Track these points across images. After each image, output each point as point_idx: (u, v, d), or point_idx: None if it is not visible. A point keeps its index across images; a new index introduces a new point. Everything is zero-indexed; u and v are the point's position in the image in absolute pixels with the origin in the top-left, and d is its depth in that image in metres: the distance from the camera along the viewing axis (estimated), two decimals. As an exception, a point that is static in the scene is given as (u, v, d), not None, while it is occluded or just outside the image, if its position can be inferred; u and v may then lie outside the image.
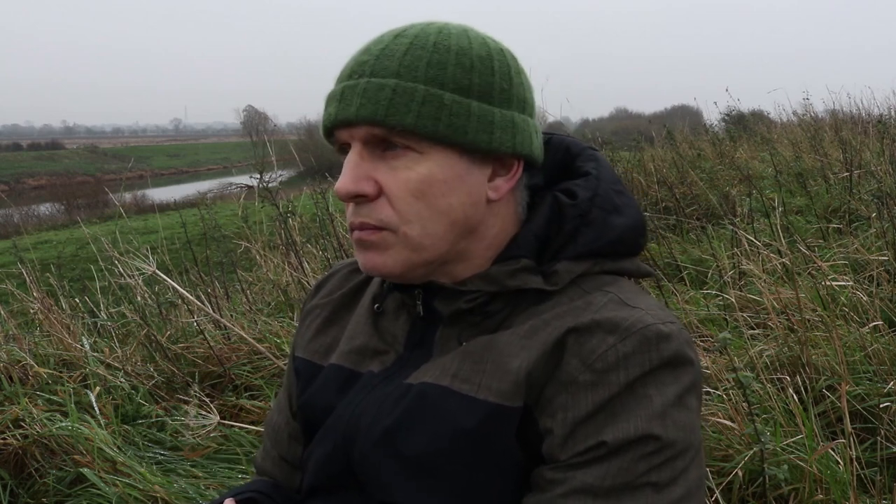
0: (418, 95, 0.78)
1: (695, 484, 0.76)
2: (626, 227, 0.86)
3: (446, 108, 0.79)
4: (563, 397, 0.76)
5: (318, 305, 1.03)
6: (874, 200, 3.83)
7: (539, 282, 0.83)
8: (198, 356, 3.11)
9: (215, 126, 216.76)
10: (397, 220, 0.80)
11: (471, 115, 0.80)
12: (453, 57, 0.80)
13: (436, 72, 0.79)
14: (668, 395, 0.75)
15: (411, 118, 0.78)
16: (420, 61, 0.79)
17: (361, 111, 0.78)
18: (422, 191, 0.80)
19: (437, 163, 0.80)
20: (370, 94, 0.79)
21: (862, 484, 1.91)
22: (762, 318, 2.82)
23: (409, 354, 0.88)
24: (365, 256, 0.83)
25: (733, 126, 9.64)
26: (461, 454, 0.77)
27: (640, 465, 0.73)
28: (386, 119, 0.78)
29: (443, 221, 0.81)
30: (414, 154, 0.80)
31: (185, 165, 56.22)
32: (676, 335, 0.77)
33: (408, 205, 0.80)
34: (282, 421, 1.04)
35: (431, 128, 0.78)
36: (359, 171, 0.80)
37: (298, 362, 1.00)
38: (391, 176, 0.80)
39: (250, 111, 66.93)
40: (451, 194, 0.81)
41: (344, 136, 0.82)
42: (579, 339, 0.77)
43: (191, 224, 4.74)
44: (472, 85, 0.80)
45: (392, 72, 0.79)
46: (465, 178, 0.82)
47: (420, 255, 0.82)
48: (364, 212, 0.81)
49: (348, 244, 4.42)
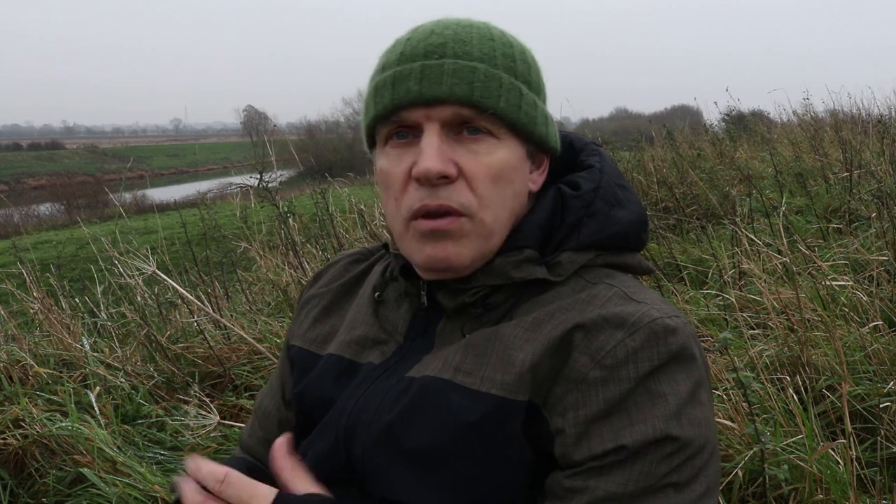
0: (505, 82, 0.80)
1: (714, 479, 0.77)
2: (628, 220, 0.87)
3: (524, 98, 0.82)
4: (574, 395, 0.75)
5: (317, 295, 1.02)
6: (874, 200, 3.83)
7: (543, 272, 0.83)
8: (198, 356, 3.11)
9: (215, 126, 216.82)
10: (477, 204, 0.80)
11: (537, 108, 0.84)
12: (517, 52, 0.84)
13: (509, 63, 0.82)
14: (681, 392, 0.74)
15: (503, 103, 0.80)
16: (495, 51, 0.81)
17: (456, 90, 0.78)
18: (500, 176, 0.81)
19: (510, 150, 0.82)
20: (462, 74, 0.79)
21: (862, 484, 1.91)
22: (762, 318, 2.82)
23: (409, 345, 0.88)
24: (436, 247, 0.80)
25: (733, 126, 9.63)
26: (465, 448, 0.77)
27: (661, 467, 0.72)
28: (482, 100, 0.78)
29: (508, 208, 0.83)
30: (493, 139, 0.81)
31: (185, 165, 56.21)
32: (682, 329, 0.77)
33: (487, 189, 0.80)
34: (272, 406, 1.03)
35: (514, 115, 0.81)
36: (442, 151, 0.79)
37: (294, 351, 0.99)
38: (472, 159, 0.80)
39: (250, 111, 66.89)
40: (517, 182, 0.83)
41: (417, 117, 0.80)
42: (587, 335, 0.77)
43: (191, 224, 4.74)
44: (531, 80, 0.84)
45: (476, 57, 0.80)
46: (524, 168, 0.85)
47: (488, 244, 0.82)
48: (444, 194, 0.79)
49: (348, 244, 4.42)
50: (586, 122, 19.29)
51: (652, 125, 10.76)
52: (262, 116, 62.75)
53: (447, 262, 0.81)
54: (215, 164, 55.32)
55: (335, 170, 6.21)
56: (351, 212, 5.04)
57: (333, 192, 5.20)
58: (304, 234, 4.79)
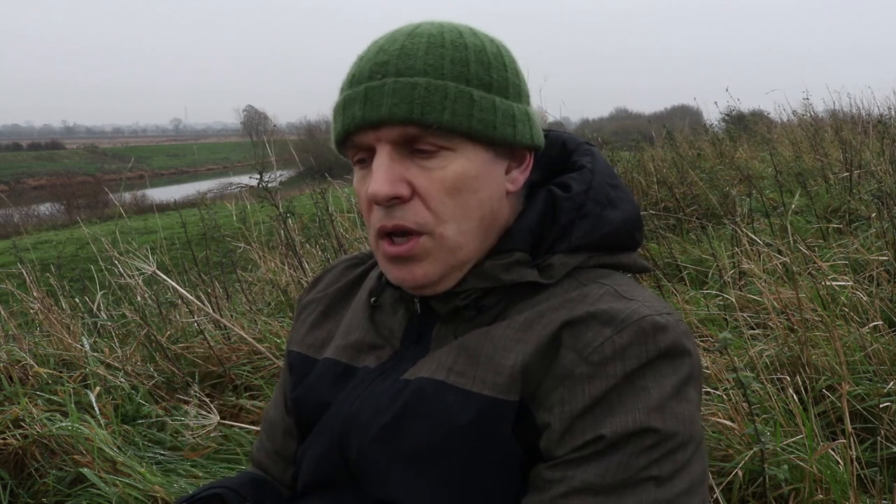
0: (450, 92, 0.78)
1: (698, 477, 0.75)
2: (621, 220, 0.86)
3: (476, 104, 0.80)
4: (560, 391, 0.75)
5: (314, 300, 1.03)
6: (874, 200, 3.82)
7: (534, 275, 0.82)
8: (198, 356, 3.11)
9: (215, 126, 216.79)
10: (433, 221, 0.80)
11: (496, 110, 0.81)
12: (472, 54, 0.81)
13: (460, 69, 0.80)
14: (666, 387, 0.74)
15: (447, 115, 0.78)
16: (443, 59, 0.80)
17: (396, 110, 0.77)
18: (457, 188, 0.80)
19: (468, 159, 0.80)
20: (402, 92, 0.77)
21: (862, 484, 1.91)
22: (762, 318, 2.82)
23: (405, 350, 0.88)
24: (403, 271, 0.82)
25: (733, 126, 9.63)
26: (458, 448, 0.77)
27: (641, 459, 0.72)
28: (423, 117, 0.77)
29: (474, 218, 0.82)
30: (446, 152, 0.79)
31: (185, 165, 56.21)
32: (673, 326, 0.77)
33: (443, 204, 0.80)
34: (277, 416, 1.03)
35: (465, 124, 0.79)
36: (392, 172, 0.78)
37: (293, 356, 1.00)
38: (425, 176, 0.79)
39: (250, 111, 66.88)
40: (482, 189, 0.82)
41: (368, 140, 0.80)
42: (574, 331, 0.76)
43: (190, 224, 4.74)
44: (492, 81, 0.82)
45: (419, 70, 0.79)
46: (491, 172, 0.83)
47: (456, 257, 0.82)
48: (398, 214, 0.79)
49: (348, 244, 4.42)
50: (586, 122, 19.30)
51: (652, 125, 10.76)
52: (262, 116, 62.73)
53: (415, 283, 0.82)
54: (215, 164, 55.33)
55: (335, 170, 6.20)
56: (351, 212, 5.03)
57: (333, 192, 5.20)
58: (304, 234, 4.78)
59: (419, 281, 0.82)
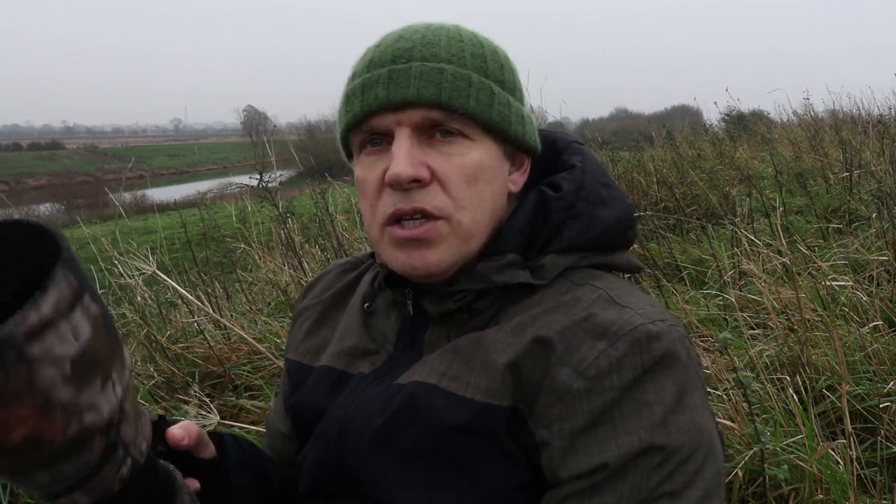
0: (475, 81, 0.79)
1: (712, 482, 0.74)
2: (613, 219, 0.86)
3: (496, 96, 0.81)
4: (559, 407, 0.74)
5: (309, 307, 1.03)
6: (874, 200, 3.83)
7: (526, 276, 0.82)
8: (198, 356, 3.11)
9: (215, 126, 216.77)
10: (452, 206, 0.79)
11: (511, 107, 0.82)
12: (488, 52, 0.83)
13: (479, 63, 0.81)
14: (666, 399, 0.73)
15: (472, 102, 0.79)
16: (464, 52, 0.81)
17: (424, 92, 0.77)
18: (475, 176, 0.80)
19: (485, 150, 0.81)
20: (430, 76, 0.78)
21: (862, 484, 1.91)
22: (762, 318, 2.82)
23: (399, 354, 0.88)
24: (414, 255, 0.80)
25: (733, 126, 9.63)
26: (453, 451, 0.77)
27: (652, 479, 0.71)
28: (450, 101, 0.77)
29: (488, 209, 0.82)
30: (466, 140, 0.80)
31: (185, 165, 56.19)
32: (666, 333, 0.75)
33: (462, 190, 0.79)
34: (278, 421, 1.03)
35: (486, 114, 0.79)
36: (413, 155, 0.78)
37: (290, 364, 1.00)
38: (445, 161, 0.79)
39: (250, 111, 66.88)
40: (495, 182, 0.82)
41: (387, 122, 0.79)
42: (568, 346, 0.75)
43: (191, 224, 4.74)
44: (505, 80, 0.83)
45: (443, 58, 0.79)
46: (501, 168, 0.84)
47: (468, 246, 0.81)
48: (418, 197, 0.78)
49: (348, 244, 4.42)
50: (586, 122, 19.27)
51: (652, 125, 10.76)
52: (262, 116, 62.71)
53: (425, 270, 0.80)
54: (215, 164, 55.32)
55: (335, 170, 6.20)
56: (350, 212, 5.04)
57: (333, 192, 5.20)
58: (304, 234, 4.78)
59: (432, 268, 0.80)
